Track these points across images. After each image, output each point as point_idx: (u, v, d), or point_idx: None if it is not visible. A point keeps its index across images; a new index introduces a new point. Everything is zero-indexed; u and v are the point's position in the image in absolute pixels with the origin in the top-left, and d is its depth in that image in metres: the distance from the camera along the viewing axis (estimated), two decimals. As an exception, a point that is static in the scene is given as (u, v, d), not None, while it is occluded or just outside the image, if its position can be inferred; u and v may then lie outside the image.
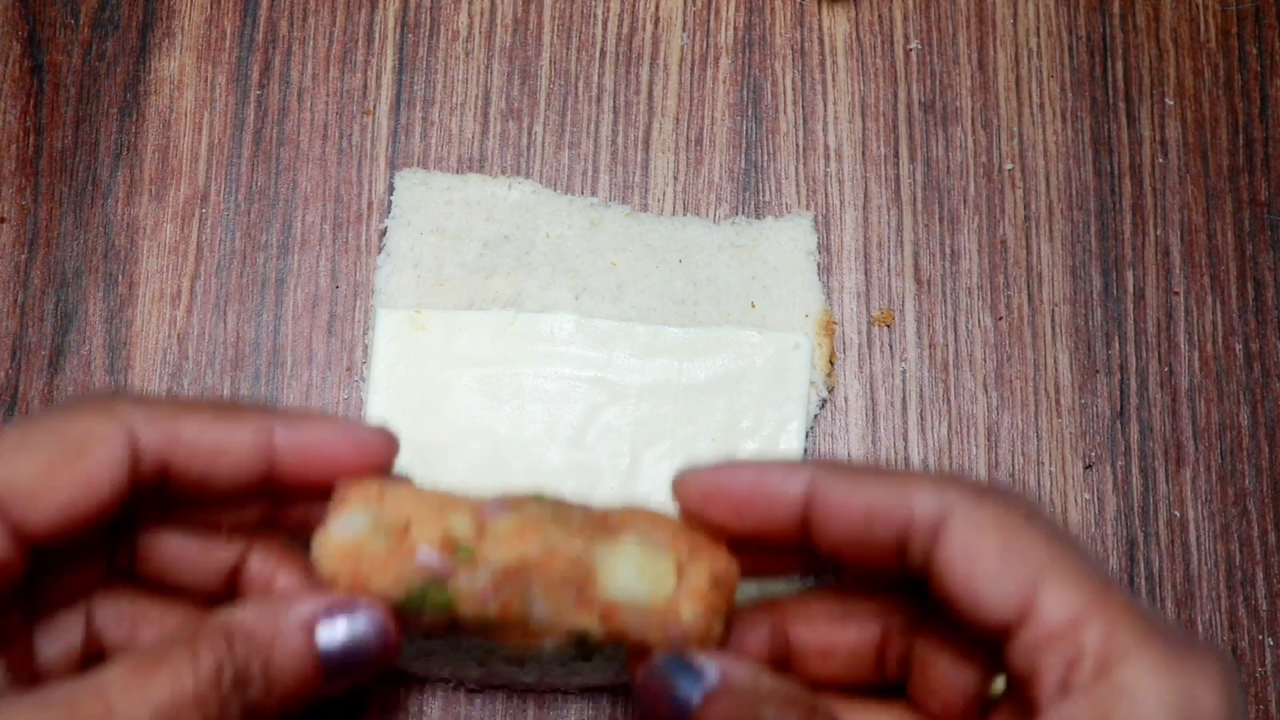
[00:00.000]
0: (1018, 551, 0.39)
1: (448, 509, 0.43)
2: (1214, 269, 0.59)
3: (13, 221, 0.57)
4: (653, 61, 0.60)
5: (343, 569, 0.42)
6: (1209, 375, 0.58)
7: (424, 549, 0.42)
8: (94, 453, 0.40)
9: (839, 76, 0.60)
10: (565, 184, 0.59)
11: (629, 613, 0.43)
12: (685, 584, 0.43)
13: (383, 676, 0.51)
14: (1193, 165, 0.60)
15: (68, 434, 0.40)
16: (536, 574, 0.43)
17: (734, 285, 0.56)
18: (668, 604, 0.43)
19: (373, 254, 0.58)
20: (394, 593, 0.42)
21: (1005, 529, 0.39)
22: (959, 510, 0.40)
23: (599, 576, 0.43)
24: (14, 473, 0.39)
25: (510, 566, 0.42)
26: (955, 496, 0.40)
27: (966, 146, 0.60)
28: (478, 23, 0.60)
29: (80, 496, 0.39)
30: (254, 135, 0.59)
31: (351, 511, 0.43)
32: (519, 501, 0.44)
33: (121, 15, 0.60)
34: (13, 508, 0.38)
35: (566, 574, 0.43)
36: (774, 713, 0.40)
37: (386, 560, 0.42)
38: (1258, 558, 0.56)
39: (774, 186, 0.59)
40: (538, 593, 0.43)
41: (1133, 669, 0.37)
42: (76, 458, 0.39)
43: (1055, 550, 0.39)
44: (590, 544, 0.43)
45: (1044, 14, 0.61)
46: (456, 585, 0.42)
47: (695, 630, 0.43)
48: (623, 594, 0.43)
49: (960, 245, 0.59)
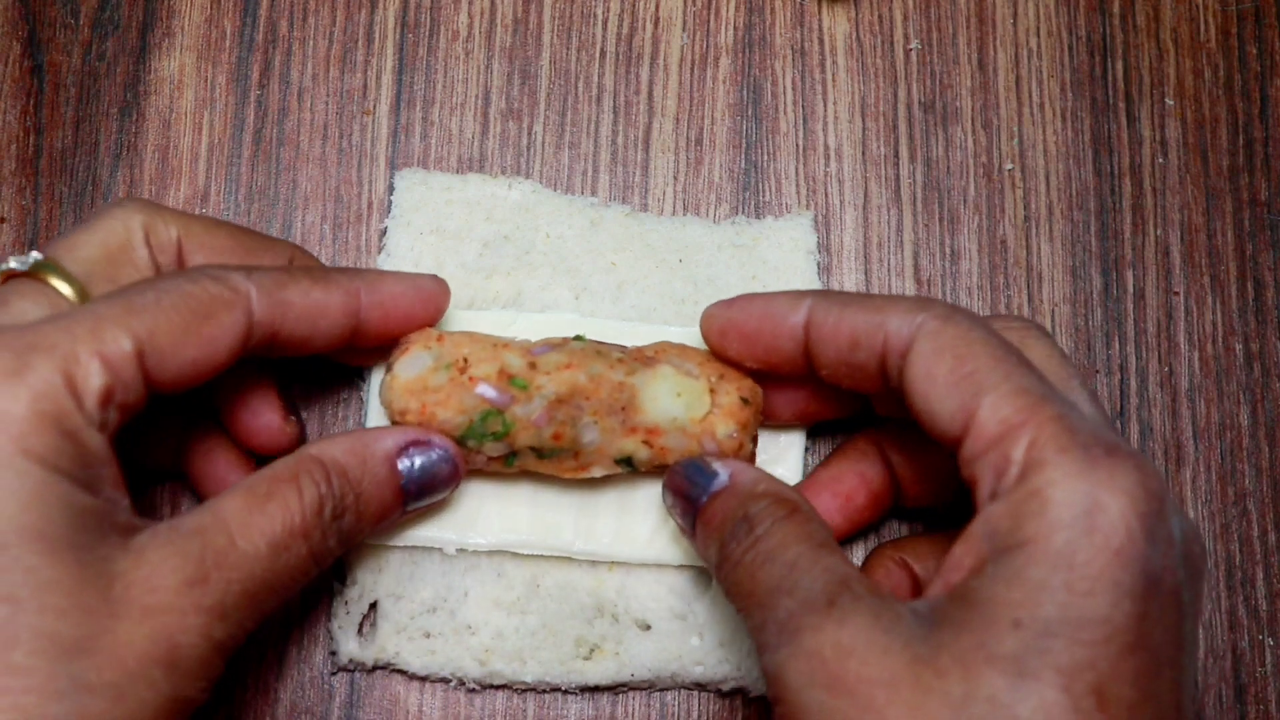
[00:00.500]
0: (966, 370, 0.42)
1: (500, 349, 0.49)
2: (1214, 269, 0.59)
3: (13, 221, 0.57)
4: (653, 61, 0.60)
5: (410, 404, 0.48)
6: (1209, 375, 0.58)
7: (483, 384, 0.48)
8: (219, 319, 0.44)
9: (839, 76, 0.60)
10: (565, 184, 0.59)
11: (669, 433, 0.49)
12: (718, 404, 0.49)
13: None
14: (1193, 165, 0.60)
15: (198, 299, 0.43)
16: (585, 401, 0.49)
17: (734, 285, 0.56)
18: (704, 423, 0.49)
19: (373, 254, 0.58)
20: (458, 422, 0.48)
21: (960, 349, 0.42)
22: (924, 331, 0.43)
23: (640, 402, 0.49)
24: (153, 327, 0.42)
25: (561, 395, 0.48)
26: (923, 319, 0.44)
27: (966, 146, 0.60)
28: (478, 23, 0.60)
29: (204, 356, 0.43)
30: (254, 135, 0.59)
31: (415, 353, 0.49)
32: (562, 341, 0.50)
33: (121, 15, 0.60)
34: (150, 358, 0.42)
35: (612, 400, 0.49)
36: (759, 507, 0.45)
37: (449, 393, 0.48)
38: (1258, 558, 0.56)
39: (774, 186, 0.59)
40: (587, 420, 0.49)
41: (1047, 475, 0.39)
42: (204, 321, 0.43)
43: (1002, 368, 0.42)
44: (630, 373, 0.49)
45: (1044, 14, 0.61)
46: (514, 414, 0.48)
47: (729, 445, 0.49)
48: (663, 416, 0.49)
49: (960, 245, 0.59)
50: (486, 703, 0.53)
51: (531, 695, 0.53)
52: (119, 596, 0.39)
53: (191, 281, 0.44)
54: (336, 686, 0.53)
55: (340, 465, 0.46)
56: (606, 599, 0.53)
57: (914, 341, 0.43)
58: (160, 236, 0.47)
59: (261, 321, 0.45)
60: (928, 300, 0.45)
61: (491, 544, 0.52)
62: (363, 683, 0.53)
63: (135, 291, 0.43)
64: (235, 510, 0.43)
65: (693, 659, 0.52)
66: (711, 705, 0.54)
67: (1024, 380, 0.41)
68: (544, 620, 0.52)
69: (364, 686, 0.53)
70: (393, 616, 0.52)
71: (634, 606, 0.53)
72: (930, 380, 0.43)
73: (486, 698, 0.53)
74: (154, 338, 0.42)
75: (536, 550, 0.52)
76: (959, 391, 0.42)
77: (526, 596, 0.52)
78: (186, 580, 0.40)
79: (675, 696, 0.54)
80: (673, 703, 0.53)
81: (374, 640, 0.52)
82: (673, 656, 0.52)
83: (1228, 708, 0.54)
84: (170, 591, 0.40)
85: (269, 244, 0.51)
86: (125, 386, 0.41)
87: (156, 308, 0.42)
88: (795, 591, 0.41)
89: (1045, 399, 0.41)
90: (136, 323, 0.41)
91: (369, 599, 0.53)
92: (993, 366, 0.42)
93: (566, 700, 0.53)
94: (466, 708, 0.53)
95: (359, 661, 0.53)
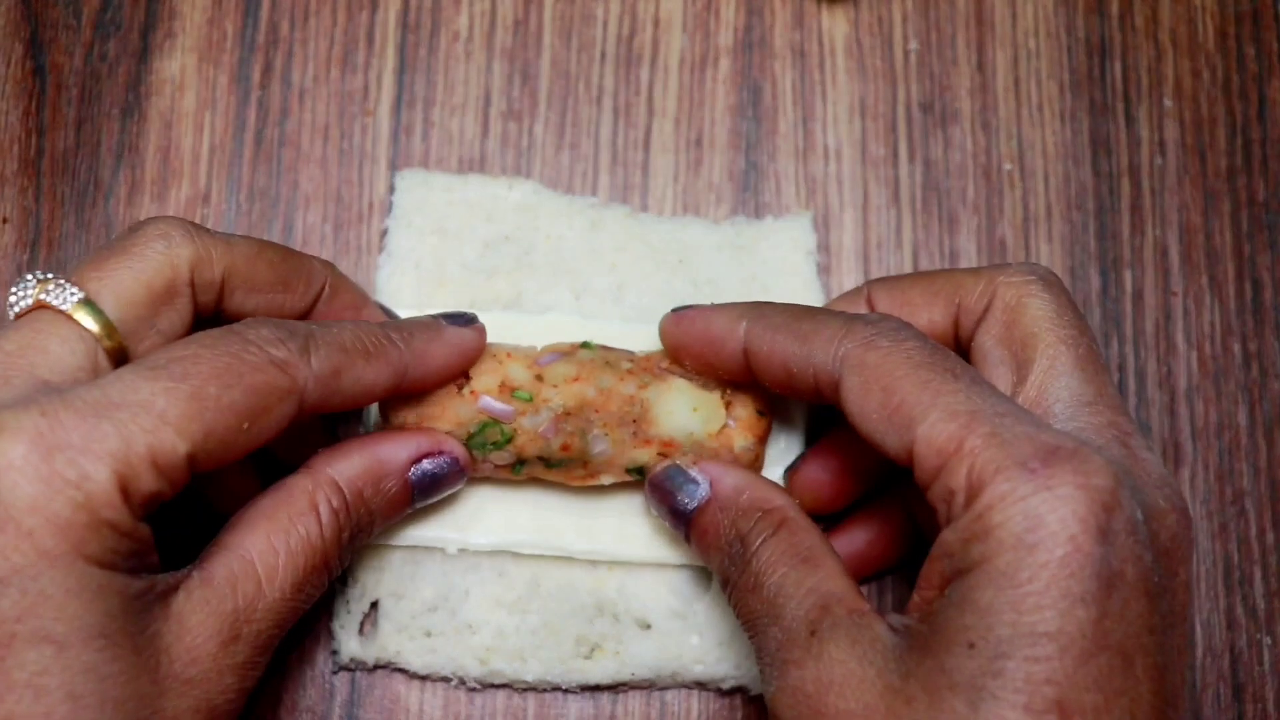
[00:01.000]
0: (895, 402, 0.42)
1: (504, 359, 0.49)
2: (1212, 269, 0.59)
3: (15, 222, 0.58)
4: (653, 63, 0.60)
5: (408, 417, 0.49)
6: (1207, 375, 0.58)
7: (485, 397, 0.49)
8: (274, 411, 0.43)
9: (838, 77, 0.60)
10: (565, 184, 0.59)
11: (685, 446, 0.49)
12: (734, 416, 0.50)
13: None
14: (1191, 166, 0.60)
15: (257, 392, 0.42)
16: (594, 414, 0.49)
17: (734, 285, 0.56)
18: (720, 436, 0.49)
19: (374, 254, 0.58)
20: (457, 434, 0.49)
21: (885, 379, 0.43)
22: (848, 365, 0.44)
23: (654, 415, 0.49)
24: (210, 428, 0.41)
25: (569, 408, 0.48)
26: (846, 349, 0.44)
27: (965, 147, 0.60)
28: (478, 24, 0.60)
29: (251, 444, 0.43)
30: (255, 136, 0.59)
31: None
32: (569, 350, 0.50)
33: (123, 16, 0.60)
34: (201, 459, 0.41)
35: (623, 413, 0.49)
36: (749, 524, 0.46)
37: (445, 406, 0.49)
38: (1255, 557, 0.56)
39: (774, 187, 0.59)
40: (597, 432, 0.49)
41: (986, 498, 0.39)
42: (261, 416, 0.43)
43: (929, 391, 0.42)
44: (642, 386, 0.49)
45: (1043, 15, 0.61)
46: (520, 425, 0.48)
47: (746, 458, 0.49)
48: (679, 430, 0.49)
49: (959, 245, 0.59)
50: (487, 702, 0.53)
51: (532, 694, 0.53)
52: (165, 673, 0.40)
53: (253, 369, 0.42)
54: (337, 685, 0.53)
55: (356, 487, 0.47)
56: (607, 598, 0.53)
57: (841, 378, 0.44)
58: (205, 276, 0.46)
59: (312, 406, 0.45)
60: (850, 319, 0.45)
61: (493, 544, 0.52)
62: (363, 682, 0.53)
63: (193, 378, 0.41)
64: (262, 552, 0.44)
65: (693, 658, 0.52)
66: (711, 704, 0.54)
67: (953, 401, 0.41)
68: (545, 619, 0.52)
69: (365, 685, 0.53)
70: (394, 616, 0.52)
71: (634, 606, 0.53)
72: (866, 418, 0.43)
73: (487, 697, 0.53)
74: (209, 439, 0.41)
75: (537, 550, 0.53)
76: (893, 427, 0.42)
77: (527, 596, 0.53)
78: (222, 643, 0.42)
79: (675, 695, 0.54)
80: (673, 701, 0.54)
81: (375, 639, 0.52)
82: (673, 655, 0.52)
83: (1225, 706, 0.54)
84: (209, 659, 0.42)
85: (307, 269, 0.49)
86: (174, 485, 0.41)
87: (216, 405, 0.41)
88: (781, 618, 0.43)
89: (971, 416, 0.40)
90: (195, 426, 0.40)
91: (370, 598, 0.53)
92: (918, 392, 0.42)
93: (567, 699, 0.53)
94: (467, 707, 0.53)
95: (360, 660, 0.53)
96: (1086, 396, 0.44)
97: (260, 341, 0.43)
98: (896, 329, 0.44)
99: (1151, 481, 0.42)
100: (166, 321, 0.45)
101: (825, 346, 0.44)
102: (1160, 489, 0.41)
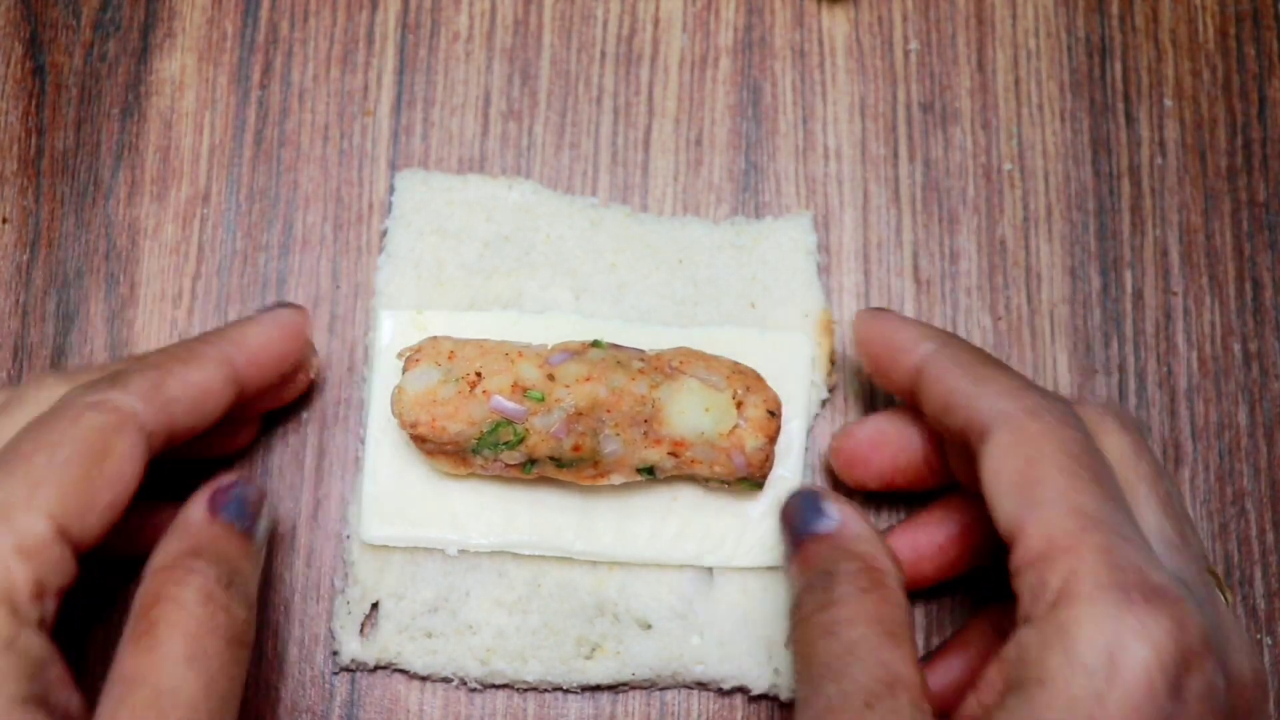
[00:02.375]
0: (1032, 476, 0.41)
1: (515, 359, 0.49)
2: (1212, 269, 0.59)
3: (15, 222, 0.58)
4: (653, 62, 0.60)
5: (420, 417, 0.49)
6: (1207, 375, 0.58)
7: (497, 397, 0.48)
8: (116, 450, 0.41)
9: (839, 77, 0.60)
10: (565, 184, 0.59)
11: (697, 446, 0.49)
12: (745, 416, 0.49)
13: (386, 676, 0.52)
14: (1191, 166, 0.60)
15: (88, 440, 0.41)
16: (606, 414, 0.49)
17: (734, 285, 0.56)
18: (732, 436, 0.49)
19: (374, 254, 0.58)
20: (469, 434, 0.48)
21: (1033, 451, 0.42)
22: (1006, 424, 0.43)
23: (666, 415, 0.49)
24: (61, 492, 0.39)
25: (581, 408, 0.48)
26: (1009, 410, 0.43)
27: (965, 147, 0.60)
28: (478, 24, 0.60)
29: (116, 494, 0.41)
30: (255, 136, 0.59)
31: (423, 367, 0.49)
32: (580, 349, 0.50)
33: (123, 16, 0.60)
34: (70, 527, 0.39)
35: (634, 413, 0.49)
36: (846, 567, 0.44)
37: (457, 406, 0.48)
38: (1255, 557, 0.56)
39: (774, 186, 0.59)
40: (609, 432, 0.49)
41: (1077, 611, 0.38)
42: (104, 460, 0.41)
43: (1065, 481, 0.41)
44: (654, 386, 0.49)
45: (1043, 15, 0.61)
46: (532, 425, 0.48)
47: (757, 458, 0.50)
48: (690, 430, 0.49)
49: (959, 245, 0.59)
50: (487, 702, 0.53)
51: (532, 694, 0.53)
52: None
53: (72, 422, 0.41)
54: (338, 686, 0.53)
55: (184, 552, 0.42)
56: (607, 598, 0.53)
57: (992, 431, 0.43)
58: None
59: (155, 431, 0.43)
60: (1030, 384, 0.45)
61: (493, 544, 0.52)
62: (364, 682, 0.53)
63: (20, 458, 0.39)
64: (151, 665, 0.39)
65: (693, 658, 0.52)
66: (712, 704, 0.54)
67: (1082, 499, 0.40)
68: (545, 620, 0.52)
69: (365, 686, 0.53)
70: (394, 616, 0.52)
71: (635, 606, 0.53)
72: (997, 476, 0.42)
73: (487, 697, 0.53)
74: (65, 502, 0.39)
75: (538, 550, 0.53)
76: (1018, 496, 0.41)
77: (528, 596, 0.53)
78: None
79: (676, 695, 0.54)
80: (673, 701, 0.54)
81: (376, 640, 0.53)
82: (673, 655, 0.52)
83: (1226, 706, 0.54)
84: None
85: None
86: (54, 569, 0.38)
87: (54, 469, 0.39)
88: (843, 679, 0.41)
89: (1096, 525, 0.40)
90: (42, 497, 0.38)
91: (371, 599, 0.53)
92: (1055, 478, 0.41)
93: (567, 699, 0.53)
94: (467, 707, 0.53)
95: (360, 661, 0.53)
96: (1173, 539, 0.44)
97: (71, 396, 0.42)
98: (1065, 413, 0.44)
99: (1241, 645, 0.41)
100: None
101: (994, 397, 0.44)
102: (1249, 657, 0.41)
